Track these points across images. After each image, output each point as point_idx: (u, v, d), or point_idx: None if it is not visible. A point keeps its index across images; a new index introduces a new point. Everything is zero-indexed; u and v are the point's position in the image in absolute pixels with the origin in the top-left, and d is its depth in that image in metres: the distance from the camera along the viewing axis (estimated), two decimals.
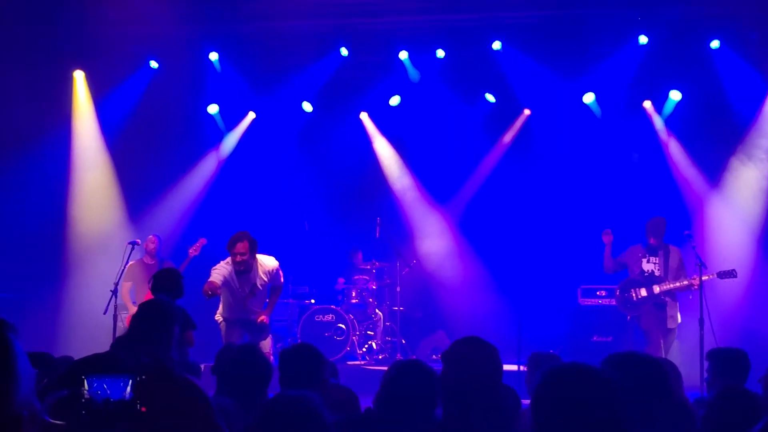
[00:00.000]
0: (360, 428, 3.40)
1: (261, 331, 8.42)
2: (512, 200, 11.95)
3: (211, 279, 7.96)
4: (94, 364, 3.08)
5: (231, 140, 12.64)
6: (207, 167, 12.60)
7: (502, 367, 3.36)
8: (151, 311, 4.97)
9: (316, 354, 4.28)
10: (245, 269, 8.13)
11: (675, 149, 11.57)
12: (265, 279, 8.33)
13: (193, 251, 9.99)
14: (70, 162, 11.85)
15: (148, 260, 10.29)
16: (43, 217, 11.45)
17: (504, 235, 11.68)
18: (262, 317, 8.40)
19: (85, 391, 2.17)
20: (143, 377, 2.19)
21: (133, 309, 9.11)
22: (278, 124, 12.56)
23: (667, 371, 3.26)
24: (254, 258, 8.23)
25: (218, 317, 8.53)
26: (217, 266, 8.20)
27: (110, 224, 11.88)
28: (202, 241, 10.03)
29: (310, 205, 12.45)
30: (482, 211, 12.20)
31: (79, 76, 11.72)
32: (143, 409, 2.15)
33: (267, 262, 8.41)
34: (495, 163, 12.40)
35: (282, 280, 8.68)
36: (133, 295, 10.10)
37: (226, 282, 8.11)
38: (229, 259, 8.18)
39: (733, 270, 9.01)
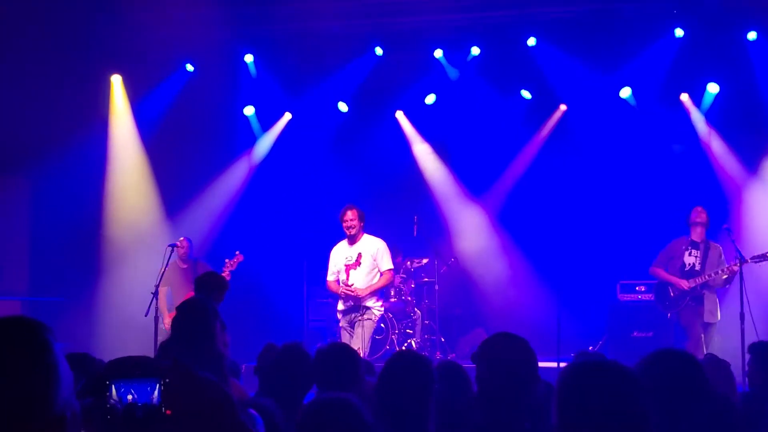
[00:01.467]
0: None
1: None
2: (550, 195, 11.90)
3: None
4: (127, 367, 3.13)
5: (267, 141, 12.69)
6: (243, 168, 12.66)
7: (536, 358, 3.35)
8: (190, 309, 5.05)
9: (351, 353, 4.31)
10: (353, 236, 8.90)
11: (714, 142, 11.44)
12: (371, 256, 8.87)
13: (229, 266, 9.94)
14: (106, 165, 11.91)
15: (180, 264, 10.19)
16: (81, 219, 11.54)
17: (542, 231, 11.63)
18: (356, 290, 8.82)
19: (110, 397, 2.14)
20: (166, 380, 2.20)
21: (169, 314, 9.20)
22: (314, 125, 12.59)
23: (701, 366, 3.25)
24: (361, 231, 8.97)
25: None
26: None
27: (148, 225, 11.94)
28: (240, 257, 9.97)
29: (347, 203, 12.50)
30: (520, 207, 12.15)
31: (116, 81, 11.80)
32: (168, 412, 2.12)
33: (372, 242, 9.04)
34: (532, 159, 12.33)
35: (389, 265, 9.00)
36: (170, 300, 10.10)
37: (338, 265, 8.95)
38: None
39: (766, 253, 8.88)
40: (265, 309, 11.22)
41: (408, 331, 11.42)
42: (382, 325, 10.94)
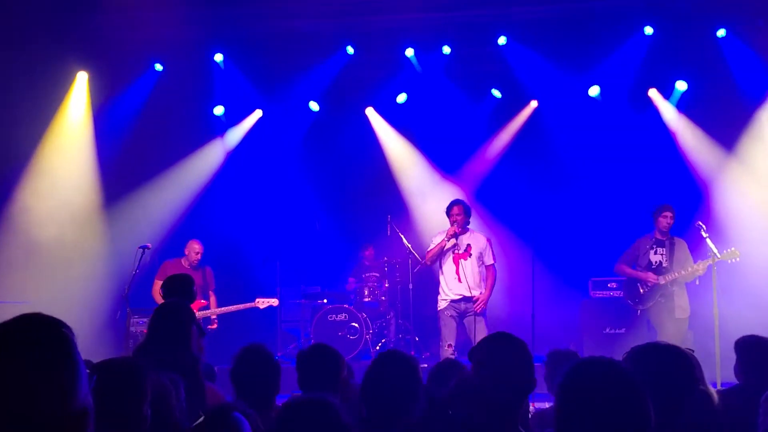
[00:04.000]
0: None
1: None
2: (521, 193, 11.94)
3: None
4: (112, 369, 3.08)
5: (236, 137, 12.54)
6: (211, 165, 12.47)
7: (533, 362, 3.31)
8: (168, 312, 5.00)
9: (334, 354, 4.28)
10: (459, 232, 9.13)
11: (683, 138, 11.51)
12: (478, 251, 9.15)
13: (260, 304, 9.99)
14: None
15: (185, 265, 9.92)
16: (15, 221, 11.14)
17: (514, 229, 11.66)
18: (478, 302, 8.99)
19: None
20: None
21: None
22: (285, 124, 12.54)
23: (692, 361, 3.25)
24: (467, 225, 9.25)
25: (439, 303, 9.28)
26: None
27: (93, 225, 11.60)
28: (275, 302, 10.10)
29: (319, 204, 12.45)
30: (491, 204, 12.18)
31: (82, 78, 11.48)
32: None
33: (479, 236, 9.34)
34: (502, 156, 12.36)
35: (493, 259, 9.30)
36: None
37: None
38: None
39: (733, 248, 8.99)
40: (237, 311, 11.11)
41: (383, 331, 11.42)
42: (356, 324, 10.92)
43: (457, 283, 9.10)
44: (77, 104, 11.53)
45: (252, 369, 4.27)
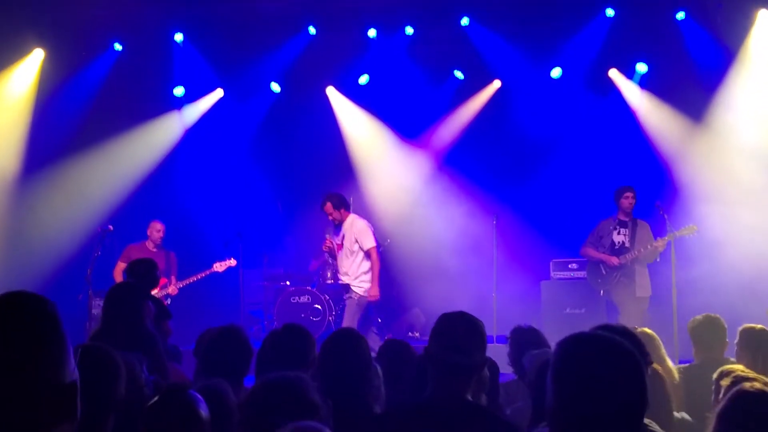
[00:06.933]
0: None
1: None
2: (481, 173, 11.94)
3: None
4: (88, 350, 3.05)
5: (195, 114, 12.36)
6: (169, 140, 12.29)
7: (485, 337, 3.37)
8: (120, 293, 5.01)
9: (306, 335, 4.31)
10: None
11: (646, 116, 11.57)
12: (352, 238, 9.40)
13: (218, 267, 10.09)
14: None
15: (150, 247, 9.96)
16: None
17: (474, 209, 11.68)
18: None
19: None
20: None
21: None
22: (246, 104, 12.45)
23: (639, 339, 3.31)
24: (343, 215, 9.50)
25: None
26: None
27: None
28: (232, 262, 10.24)
29: (281, 185, 12.41)
30: (452, 185, 12.18)
31: (38, 54, 11.20)
32: None
33: (355, 221, 9.53)
34: (464, 136, 12.36)
35: (369, 242, 9.46)
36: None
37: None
38: None
39: (691, 225, 9.16)
40: (201, 293, 11.04)
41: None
42: (318, 306, 10.92)
43: (341, 273, 9.65)
44: (22, 78, 11.25)
45: (227, 349, 4.28)
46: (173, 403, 2.77)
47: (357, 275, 9.52)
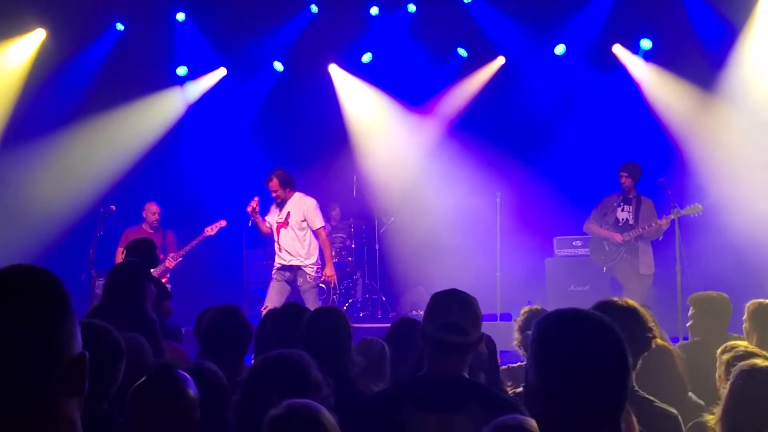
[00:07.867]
0: None
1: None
2: (485, 151, 11.88)
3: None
4: (90, 326, 3.06)
5: (197, 91, 12.31)
6: (171, 115, 12.22)
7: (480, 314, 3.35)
8: (122, 272, 5.01)
9: (305, 314, 4.31)
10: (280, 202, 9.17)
11: (651, 90, 11.49)
12: (300, 216, 9.02)
13: (209, 230, 9.93)
14: None
15: (147, 229, 9.90)
16: None
17: (478, 187, 11.64)
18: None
19: None
20: None
21: None
22: (249, 84, 12.42)
23: (641, 315, 3.31)
24: (287, 194, 9.13)
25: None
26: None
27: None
28: (222, 223, 10.01)
29: (285, 164, 12.36)
30: (456, 163, 12.12)
31: (38, 34, 11.09)
32: None
33: (303, 199, 9.19)
34: (467, 112, 12.30)
35: (319, 221, 9.17)
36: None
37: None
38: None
39: (696, 204, 9.11)
40: (205, 273, 11.04)
41: (350, 291, 11.46)
42: (323, 285, 10.92)
43: (277, 251, 9.16)
44: (17, 53, 11.10)
45: (226, 328, 4.28)
46: (159, 382, 2.77)
47: (308, 256, 9.13)
